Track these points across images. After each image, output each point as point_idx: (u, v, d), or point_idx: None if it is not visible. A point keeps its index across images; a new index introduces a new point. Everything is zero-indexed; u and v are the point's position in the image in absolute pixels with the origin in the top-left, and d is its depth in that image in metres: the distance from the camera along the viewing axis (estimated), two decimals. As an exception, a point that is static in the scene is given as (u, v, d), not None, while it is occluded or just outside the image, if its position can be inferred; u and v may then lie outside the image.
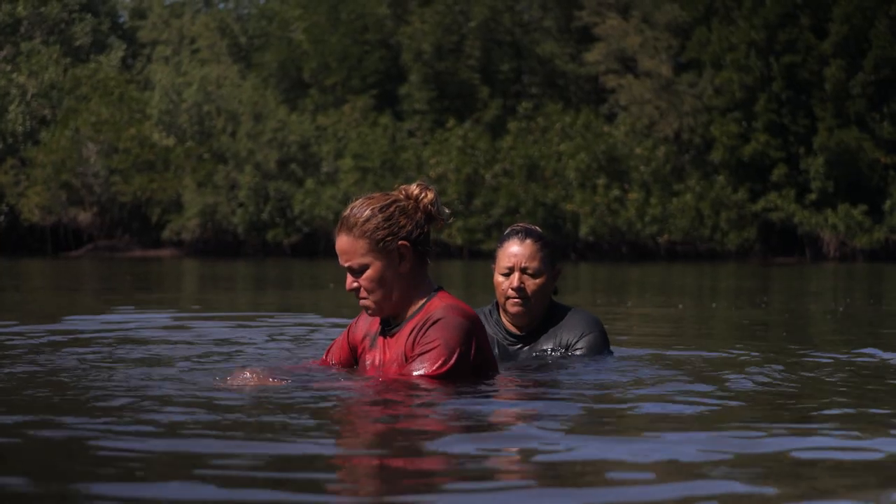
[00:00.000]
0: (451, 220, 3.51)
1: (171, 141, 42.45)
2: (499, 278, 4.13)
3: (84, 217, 42.12)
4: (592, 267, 26.57)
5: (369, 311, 3.43)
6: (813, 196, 41.86)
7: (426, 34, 43.65)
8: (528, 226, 4.21)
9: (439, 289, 3.45)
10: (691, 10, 44.54)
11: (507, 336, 4.17)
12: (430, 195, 3.43)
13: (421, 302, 3.40)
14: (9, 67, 44.86)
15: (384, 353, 3.45)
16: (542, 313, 4.15)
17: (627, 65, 44.64)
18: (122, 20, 51.92)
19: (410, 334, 3.36)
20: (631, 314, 7.90)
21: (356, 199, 3.44)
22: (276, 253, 40.98)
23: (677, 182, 42.32)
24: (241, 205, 41.24)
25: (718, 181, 42.03)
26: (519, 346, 4.14)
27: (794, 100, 43.14)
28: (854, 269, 27.65)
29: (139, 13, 51.23)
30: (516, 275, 4.08)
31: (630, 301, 9.57)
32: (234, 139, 42.14)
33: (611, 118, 44.40)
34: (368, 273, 3.36)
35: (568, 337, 4.10)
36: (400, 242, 3.36)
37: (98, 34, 48.57)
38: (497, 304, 4.22)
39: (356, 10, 45.10)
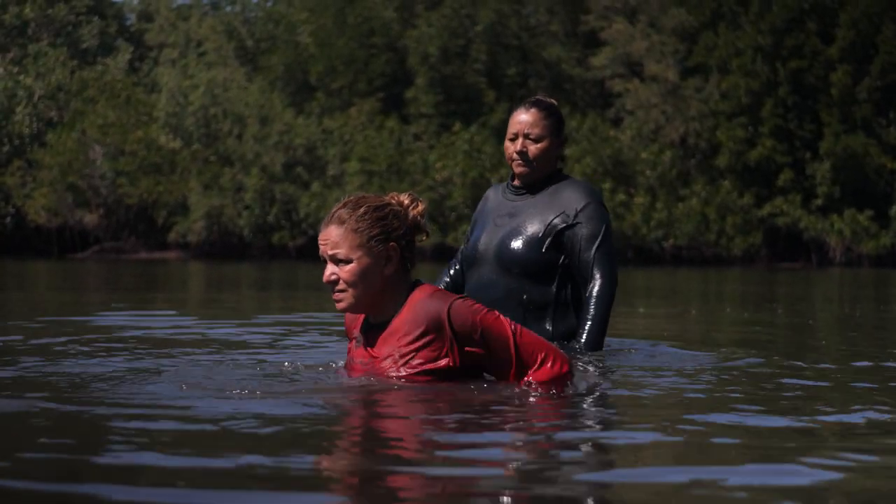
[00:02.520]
0: (427, 237, 3.57)
1: (177, 143, 42.51)
2: (507, 143, 4.54)
3: (90, 219, 42.17)
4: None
5: (340, 304, 3.44)
6: (819, 201, 41.84)
7: (433, 38, 43.68)
8: (541, 97, 4.63)
9: (417, 282, 3.47)
10: (698, 15, 44.56)
11: (512, 192, 4.59)
12: (421, 207, 3.49)
13: (402, 298, 3.42)
14: (16, 69, 44.94)
15: (372, 351, 3.46)
16: (546, 175, 4.55)
17: (634, 69, 44.66)
18: (129, 23, 52.02)
19: (405, 333, 3.36)
20: (646, 318, 7.89)
21: (350, 197, 3.48)
22: (281, 255, 41.00)
23: (683, 187, 42.31)
24: (246, 207, 41.28)
25: (724, 186, 42.02)
26: (521, 196, 4.54)
27: (800, 105, 43.12)
28: (860, 274, 27.62)
29: (146, 16, 51.34)
30: (520, 140, 4.48)
31: (642, 307, 9.56)
32: (241, 142, 42.18)
33: (617, 122, 44.41)
34: (352, 267, 3.37)
35: (570, 205, 4.45)
36: (390, 244, 3.39)
37: (105, 37, 48.66)
38: (513, 175, 4.62)
39: (363, 14, 45.14)
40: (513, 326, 3.38)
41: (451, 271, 4.74)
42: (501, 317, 3.39)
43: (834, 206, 41.73)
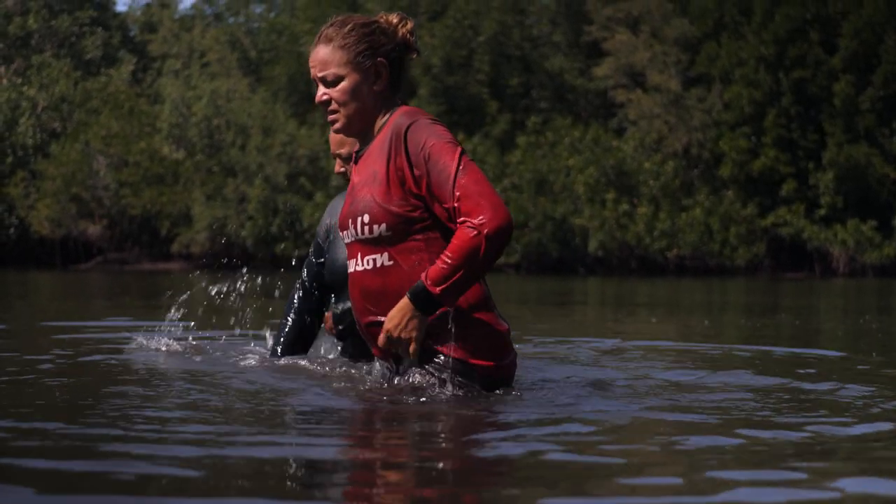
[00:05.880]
0: (417, 56, 3.46)
1: (180, 154, 42.53)
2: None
3: (93, 230, 42.15)
4: (602, 281, 26.52)
5: (336, 126, 3.39)
6: (822, 211, 41.82)
7: (435, 48, 43.73)
8: None
9: (404, 105, 3.41)
10: (701, 25, 44.61)
11: None
12: (410, 24, 3.44)
13: (385, 118, 3.36)
14: (19, 80, 44.97)
15: (355, 174, 3.40)
16: None
17: (636, 79, 44.68)
18: (132, 34, 52.06)
19: (380, 151, 3.29)
20: (660, 329, 7.87)
21: (337, 17, 3.43)
22: (284, 266, 40.98)
23: (686, 197, 42.31)
24: (250, 218, 41.28)
25: (727, 196, 42.01)
26: None
27: (803, 115, 43.14)
28: (865, 284, 27.57)
29: (150, 27, 51.38)
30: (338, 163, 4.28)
31: (654, 317, 9.54)
32: (244, 153, 42.20)
33: (620, 133, 44.42)
34: (343, 85, 3.33)
35: None
36: (378, 59, 3.34)
37: (108, 48, 48.69)
38: None
39: (366, 25, 45.20)
40: (461, 164, 3.17)
41: (302, 310, 4.45)
42: (457, 152, 3.19)
43: (837, 216, 41.71)
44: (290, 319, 4.46)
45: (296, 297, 4.52)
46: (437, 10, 45.99)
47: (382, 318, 3.25)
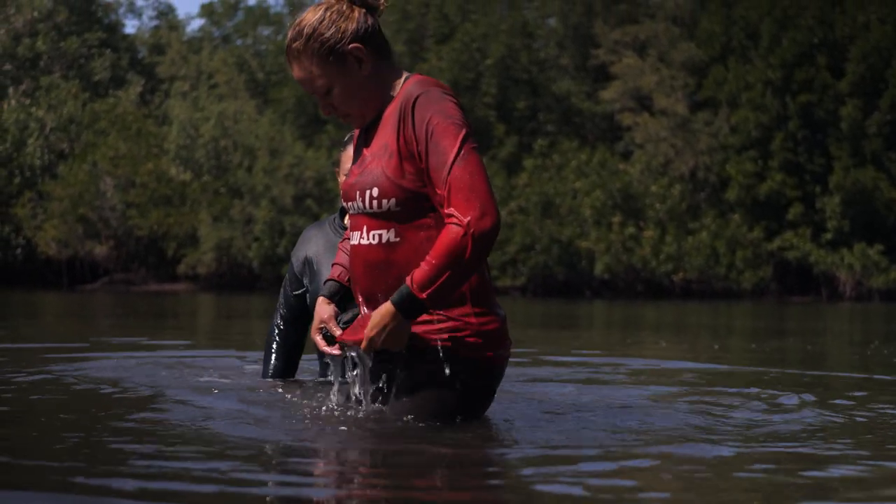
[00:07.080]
0: (384, 5, 3.25)
1: (187, 175, 42.61)
2: (342, 178, 4.14)
3: (100, 251, 42.19)
4: (608, 304, 26.47)
5: (355, 124, 3.27)
6: (829, 235, 41.79)
7: (443, 71, 43.85)
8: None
9: (412, 74, 3.26)
10: (707, 49, 44.73)
11: (343, 228, 4.28)
12: None
13: (394, 88, 3.22)
14: (28, 101, 45.14)
15: (366, 149, 3.26)
16: None
17: (643, 103, 44.78)
18: (140, 56, 52.28)
19: (391, 122, 3.16)
20: (669, 352, 7.83)
21: (291, 27, 3.25)
22: (290, 288, 40.92)
23: (693, 220, 42.29)
24: (256, 239, 41.32)
25: (734, 220, 42.00)
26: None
27: (810, 139, 43.18)
28: (872, 309, 27.48)
29: (158, 49, 51.59)
30: None
31: (662, 341, 9.50)
32: (251, 174, 42.28)
33: (626, 156, 44.47)
34: (336, 91, 3.20)
35: None
36: (350, 46, 3.18)
37: (117, 69, 48.88)
38: (342, 211, 4.30)
39: (373, 47, 45.35)
40: (461, 151, 3.03)
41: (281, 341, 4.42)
42: (460, 136, 3.04)
43: (844, 240, 41.67)
44: (272, 352, 4.43)
45: (276, 328, 4.45)
46: (446, 32, 46.17)
47: (383, 291, 3.14)
